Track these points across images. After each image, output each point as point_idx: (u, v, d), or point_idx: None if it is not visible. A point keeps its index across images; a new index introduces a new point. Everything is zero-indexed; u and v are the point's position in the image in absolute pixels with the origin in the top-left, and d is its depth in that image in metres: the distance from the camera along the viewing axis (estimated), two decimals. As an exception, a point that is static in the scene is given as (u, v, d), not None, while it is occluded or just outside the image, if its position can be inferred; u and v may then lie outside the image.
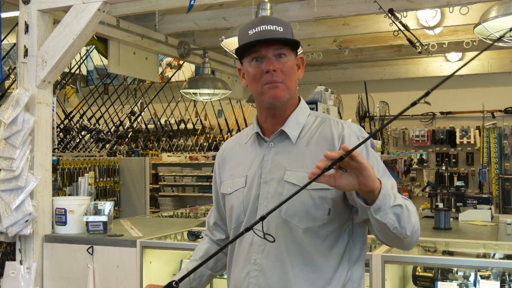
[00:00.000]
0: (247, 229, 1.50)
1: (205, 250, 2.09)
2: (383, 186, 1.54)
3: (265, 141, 1.90)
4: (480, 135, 10.08)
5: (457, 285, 3.21)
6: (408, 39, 5.12)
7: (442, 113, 10.40)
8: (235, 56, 1.97)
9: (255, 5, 3.75)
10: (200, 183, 9.97)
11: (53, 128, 4.05)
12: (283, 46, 1.83)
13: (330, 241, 1.77)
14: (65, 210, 3.95)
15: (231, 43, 3.90)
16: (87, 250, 3.74)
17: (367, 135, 1.86)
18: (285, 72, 1.83)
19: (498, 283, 3.08)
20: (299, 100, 1.95)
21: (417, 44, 5.31)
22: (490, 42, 3.39)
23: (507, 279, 3.14)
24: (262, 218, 1.49)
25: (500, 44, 3.41)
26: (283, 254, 1.77)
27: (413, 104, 1.42)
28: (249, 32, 1.82)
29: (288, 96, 1.84)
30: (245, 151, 1.97)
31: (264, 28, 1.82)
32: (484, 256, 3.49)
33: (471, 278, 3.26)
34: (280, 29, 1.83)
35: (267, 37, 1.79)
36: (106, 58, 5.20)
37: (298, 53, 1.98)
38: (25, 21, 3.94)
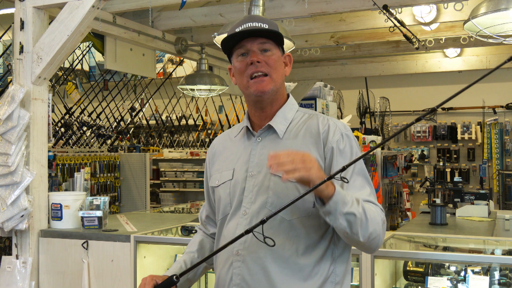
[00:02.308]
0: (247, 232, 1.58)
1: (199, 243, 2.12)
2: (337, 192, 1.61)
3: (253, 135, 1.94)
4: (481, 131, 10.07)
5: (447, 280, 3.23)
6: (405, 35, 5.12)
7: (443, 109, 10.38)
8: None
9: (247, 1, 3.76)
10: (201, 179, 10.00)
11: (49, 124, 4.09)
12: (267, 40, 1.87)
13: (314, 234, 1.80)
14: (61, 205, 3.99)
15: (224, 40, 3.90)
16: (82, 245, 3.77)
17: (351, 133, 1.89)
18: (270, 64, 1.86)
19: (487, 278, 3.09)
20: (288, 97, 1.99)
21: (414, 40, 5.30)
22: (480, 38, 3.40)
23: (498, 274, 3.15)
24: (263, 222, 1.57)
25: (490, 40, 3.42)
26: (265, 246, 1.79)
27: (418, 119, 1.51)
28: (236, 30, 1.87)
29: (274, 88, 1.87)
30: (234, 145, 2.01)
31: (249, 26, 1.86)
32: (475, 251, 3.50)
33: (462, 273, 3.28)
34: (265, 26, 1.87)
35: (250, 30, 1.84)
36: (103, 54, 5.22)
37: (291, 51, 2.02)
38: (21, 18, 3.97)
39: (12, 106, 3.79)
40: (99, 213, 3.91)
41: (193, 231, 3.66)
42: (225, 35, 3.91)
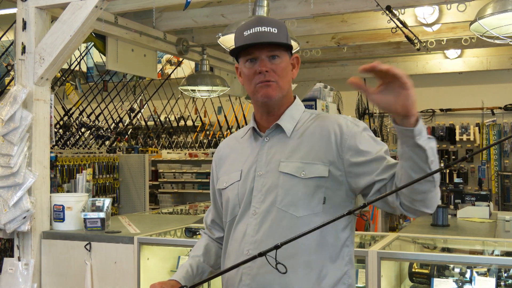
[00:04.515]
0: (261, 255, 1.53)
1: (205, 247, 2.10)
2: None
3: (260, 136, 1.94)
4: (479, 132, 10.08)
5: (453, 281, 3.22)
6: (406, 36, 5.12)
7: (441, 110, 10.39)
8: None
9: (252, 2, 3.75)
10: (199, 180, 9.99)
11: (51, 125, 4.06)
12: (276, 47, 1.86)
13: (326, 232, 1.78)
14: (63, 207, 3.96)
15: (228, 40, 3.90)
16: (84, 246, 3.75)
17: (362, 122, 1.89)
18: (278, 73, 1.86)
19: (494, 280, 3.09)
20: (295, 98, 1.99)
21: (416, 41, 5.30)
22: (486, 39, 3.40)
23: (503, 275, 3.14)
24: (277, 247, 1.51)
25: (497, 41, 3.41)
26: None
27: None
28: (245, 33, 1.86)
29: (280, 95, 1.88)
30: (241, 146, 2.01)
31: (258, 30, 1.85)
32: (480, 252, 3.50)
33: (467, 275, 3.27)
34: (275, 30, 1.85)
35: (259, 41, 1.83)
36: (105, 55, 5.20)
37: (294, 51, 2.01)
38: (23, 18, 3.94)
39: (15, 107, 3.77)
40: (102, 215, 3.89)
41: (197, 233, 3.65)
42: (229, 35, 3.90)
